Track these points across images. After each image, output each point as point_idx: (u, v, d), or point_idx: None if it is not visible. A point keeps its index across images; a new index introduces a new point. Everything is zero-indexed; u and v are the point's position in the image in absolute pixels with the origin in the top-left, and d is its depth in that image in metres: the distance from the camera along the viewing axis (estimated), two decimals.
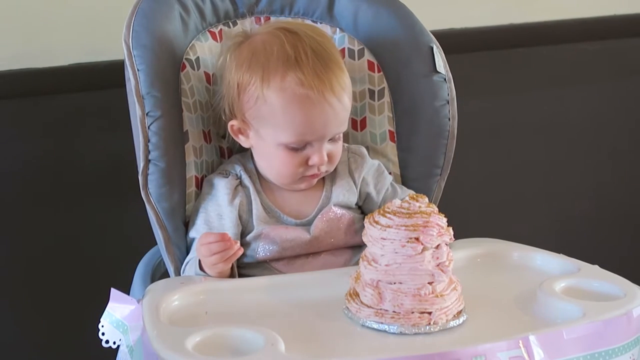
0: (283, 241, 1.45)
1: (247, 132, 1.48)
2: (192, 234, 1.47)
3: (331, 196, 1.50)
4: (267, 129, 1.45)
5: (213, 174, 1.51)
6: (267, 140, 1.46)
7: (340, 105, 1.44)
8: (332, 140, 1.46)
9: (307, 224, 1.48)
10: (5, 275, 1.84)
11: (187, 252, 1.48)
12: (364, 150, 1.56)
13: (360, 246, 1.47)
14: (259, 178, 1.50)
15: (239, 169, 1.50)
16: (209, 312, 1.29)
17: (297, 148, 1.44)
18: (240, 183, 1.49)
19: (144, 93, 1.44)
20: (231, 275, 1.41)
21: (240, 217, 1.47)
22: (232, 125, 1.48)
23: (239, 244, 1.38)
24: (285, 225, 1.47)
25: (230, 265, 1.39)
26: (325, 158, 1.45)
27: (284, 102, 1.42)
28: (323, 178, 1.51)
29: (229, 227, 1.45)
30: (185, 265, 1.46)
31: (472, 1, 2.08)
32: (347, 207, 1.51)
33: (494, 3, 2.09)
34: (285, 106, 1.42)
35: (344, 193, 1.51)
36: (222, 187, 1.48)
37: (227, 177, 1.49)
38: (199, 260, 1.40)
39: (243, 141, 1.50)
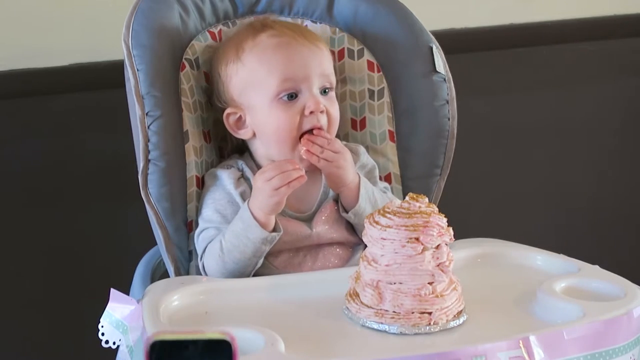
0: (284, 234, 1.44)
1: (242, 120, 1.49)
2: (204, 224, 1.46)
3: (329, 191, 1.50)
4: (255, 93, 1.46)
5: (214, 168, 1.51)
6: (259, 107, 1.46)
7: (317, 49, 1.47)
8: (325, 95, 1.46)
9: (308, 219, 1.48)
10: (5, 275, 1.84)
11: (190, 253, 1.49)
12: (361, 149, 1.56)
13: (360, 243, 1.48)
14: None
15: (240, 163, 1.50)
16: (209, 312, 1.29)
17: (289, 97, 1.44)
18: (242, 175, 1.49)
19: (144, 93, 1.45)
20: (274, 229, 1.41)
21: None
22: (227, 116, 1.49)
23: (303, 170, 1.39)
24: (287, 218, 1.46)
25: (290, 192, 1.39)
26: (322, 105, 1.44)
27: (259, 55, 1.46)
28: (320, 174, 1.50)
29: None
30: (206, 249, 1.44)
31: (472, 1, 2.08)
32: None
33: (494, 3, 2.09)
34: (262, 57, 1.45)
35: None
36: (226, 176, 1.48)
37: (230, 169, 1.49)
38: (248, 207, 1.40)
39: (243, 134, 1.50)
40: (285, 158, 1.46)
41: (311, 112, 1.44)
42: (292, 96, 1.45)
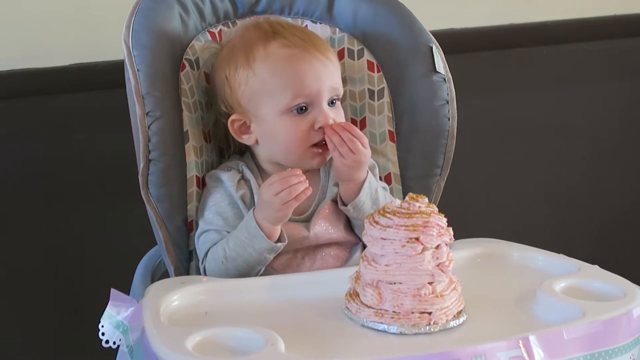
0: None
1: (247, 126, 1.48)
2: (205, 226, 1.46)
3: (327, 192, 1.50)
4: (265, 103, 1.45)
5: (215, 170, 1.51)
6: (268, 118, 1.46)
7: (328, 61, 1.47)
8: (332, 106, 1.47)
9: (306, 220, 1.48)
10: (6, 275, 1.84)
11: (190, 253, 1.49)
12: None
13: (357, 243, 1.49)
14: (260, 174, 1.50)
15: (240, 165, 1.50)
16: (209, 312, 1.29)
17: (298, 110, 1.44)
18: (243, 177, 1.49)
19: (144, 93, 1.44)
20: (279, 238, 1.41)
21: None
22: (232, 122, 1.49)
23: (307, 182, 1.38)
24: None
25: (297, 205, 1.39)
26: (330, 119, 1.45)
27: (271, 66, 1.45)
28: (319, 174, 1.51)
29: (243, 215, 1.45)
30: (208, 253, 1.44)
31: (472, 1, 2.08)
32: None
33: (494, 3, 2.09)
34: (274, 69, 1.44)
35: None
36: (226, 178, 1.48)
37: (230, 171, 1.49)
38: (254, 217, 1.40)
39: (247, 139, 1.50)
40: (295, 163, 1.46)
41: (320, 127, 1.44)
42: (302, 109, 1.45)
